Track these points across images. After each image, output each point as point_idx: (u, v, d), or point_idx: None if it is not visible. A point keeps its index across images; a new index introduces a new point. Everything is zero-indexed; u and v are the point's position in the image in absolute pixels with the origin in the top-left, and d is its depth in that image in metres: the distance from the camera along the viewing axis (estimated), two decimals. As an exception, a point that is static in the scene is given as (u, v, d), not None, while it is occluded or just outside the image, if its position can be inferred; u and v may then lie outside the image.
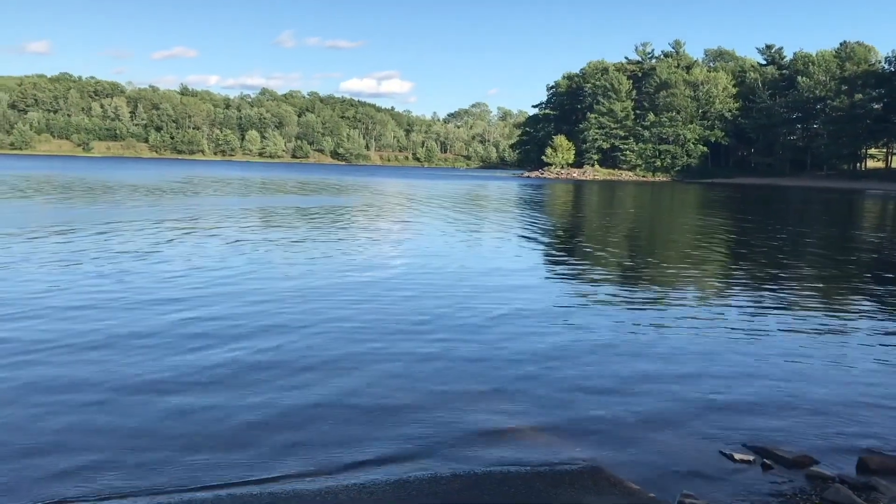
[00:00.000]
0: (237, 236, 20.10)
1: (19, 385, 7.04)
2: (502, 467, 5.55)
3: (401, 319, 10.26)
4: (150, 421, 6.28)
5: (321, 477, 5.31)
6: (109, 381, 7.20)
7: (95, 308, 10.31)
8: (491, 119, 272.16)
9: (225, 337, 9.00)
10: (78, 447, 5.68)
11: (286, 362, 8.03)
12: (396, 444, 5.94)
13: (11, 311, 10.02)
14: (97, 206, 30.78)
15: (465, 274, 14.66)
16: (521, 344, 9.15)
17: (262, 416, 6.44)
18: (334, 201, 39.37)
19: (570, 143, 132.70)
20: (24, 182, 48.27)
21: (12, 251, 15.84)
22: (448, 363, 8.21)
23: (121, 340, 8.68)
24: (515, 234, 23.60)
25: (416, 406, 6.81)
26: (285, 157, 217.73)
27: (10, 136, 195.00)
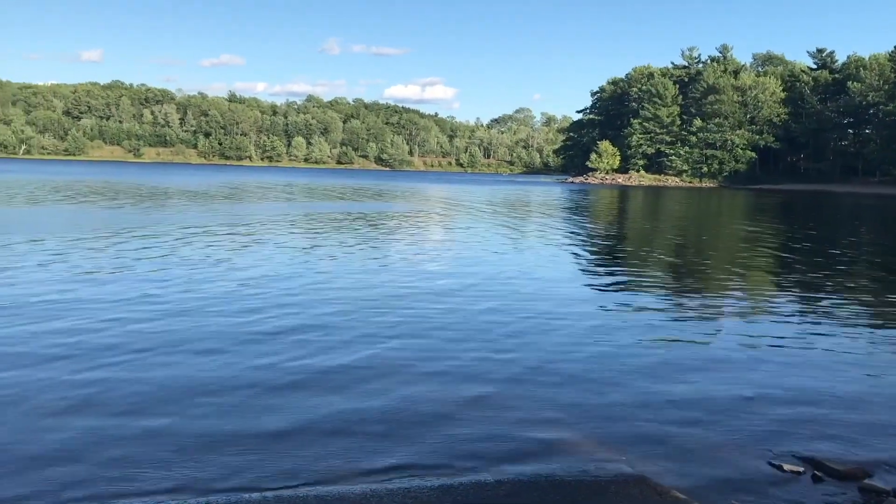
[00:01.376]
0: (302, 243, 20.25)
1: (158, 382, 7.25)
2: (547, 475, 5.50)
3: (448, 326, 10.26)
4: (246, 421, 6.42)
5: (368, 480, 5.34)
6: (216, 383, 7.39)
7: (187, 315, 10.47)
8: (534, 124, 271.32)
9: (316, 345, 9.06)
10: (187, 447, 5.81)
11: (356, 368, 8.09)
12: (443, 450, 5.94)
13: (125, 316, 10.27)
14: (164, 211, 31.38)
15: (510, 281, 14.60)
16: (565, 352, 9.08)
17: (317, 418, 6.51)
18: (384, 207, 39.62)
19: (615, 149, 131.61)
20: (86, 187, 49.50)
21: (101, 257, 16.27)
22: (493, 370, 8.18)
23: (203, 346, 8.81)
24: (560, 241, 23.46)
25: (461, 412, 6.80)
26: (330, 163, 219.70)
27: (64, 142, 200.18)
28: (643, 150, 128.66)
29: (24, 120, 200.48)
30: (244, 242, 20.06)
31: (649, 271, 17.08)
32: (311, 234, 22.85)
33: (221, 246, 18.96)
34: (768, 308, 12.46)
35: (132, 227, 23.07)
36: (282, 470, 5.47)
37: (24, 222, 24.07)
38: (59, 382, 7.22)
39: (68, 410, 6.50)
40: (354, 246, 19.89)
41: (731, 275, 16.83)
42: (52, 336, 8.97)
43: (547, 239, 24.07)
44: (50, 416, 6.37)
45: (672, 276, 16.76)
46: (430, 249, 20.00)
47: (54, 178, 66.18)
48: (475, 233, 25.29)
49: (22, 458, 5.50)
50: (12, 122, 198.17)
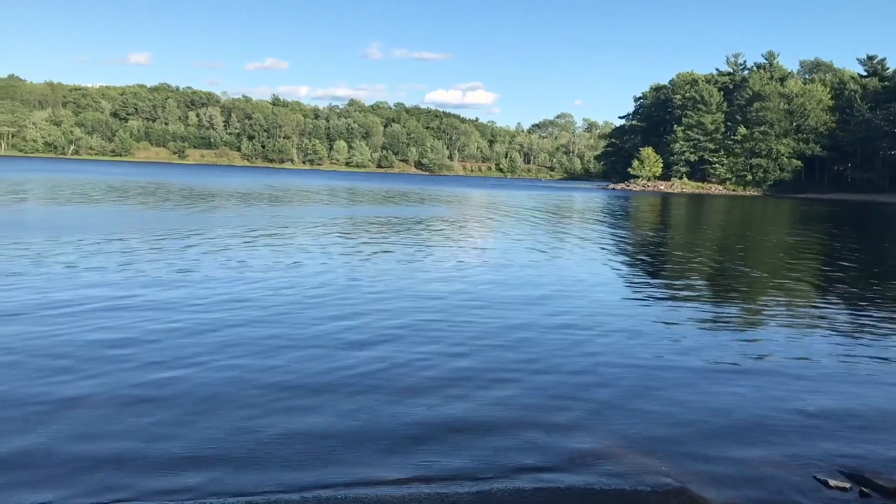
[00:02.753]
0: (363, 248, 20.46)
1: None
2: (585, 484, 5.48)
3: (487, 333, 10.27)
4: (291, 419, 6.59)
5: (406, 483, 5.38)
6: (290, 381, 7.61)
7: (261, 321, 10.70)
8: (576, 130, 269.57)
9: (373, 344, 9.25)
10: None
11: (389, 373, 8.19)
12: (481, 457, 5.95)
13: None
14: (222, 213, 31.87)
15: (550, 288, 14.60)
16: (605, 361, 9.07)
17: (375, 420, 6.62)
18: (432, 211, 39.74)
19: (658, 156, 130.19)
20: (140, 188, 50.45)
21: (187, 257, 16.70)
22: (533, 379, 8.19)
23: (285, 345, 9.08)
24: (601, 248, 23.32)
25: (502, 419, 6.82)
26: (371, 167, 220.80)
27: (111, 142, 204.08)
28: (686, 158, 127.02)
29: (74, 121, 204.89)
30: (306, 246, 20.27)
31: (691, 281, 16.91)
32: (370, 239, 23.02)
33: (284, 248, 19.29)
34: (812, 321, 12.27)
35: (198, 228, 23.60)
36: (321, 471, 5.55)
37: (91, 222, 24.61)
38: (186, 379, 7.59)
39: (206, 407, 6.82)
40: (414, 251, 20.00)
41: (774, 286, 16.59)
42: (163, 335, 9.37)
43: (590, 246, 23.90)
44: (198, 412, 6.67)
45: (714, 286, 16.56)
46: (486, 256, 20.02)
47: (106, 178, 67.58)
48: (523, 239, 25.24)
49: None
50: (62, 122, 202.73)
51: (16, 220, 23.89)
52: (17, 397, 6.84)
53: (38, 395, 6.93)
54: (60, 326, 9.54)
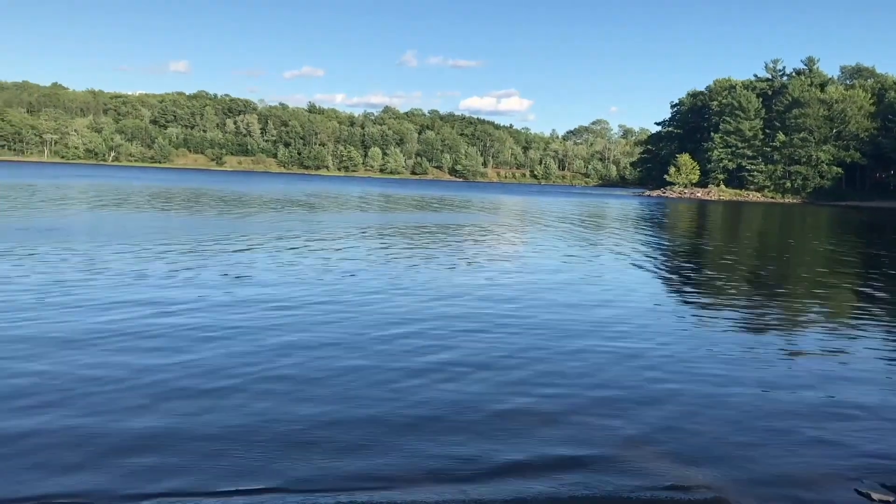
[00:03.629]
0: (412, 254, 20.64)
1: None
2: (622, 493, 5.44)
3: (534, 343, 10.23)
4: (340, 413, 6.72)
5: (435, 487, 5.40)
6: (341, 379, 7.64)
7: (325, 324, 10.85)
8: (611, 136, 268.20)
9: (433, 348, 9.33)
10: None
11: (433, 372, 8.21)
12: (516, 460, 5.94)
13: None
14: (270, 218, 32.31)
15: (593, 296, 14.53)
16: (643, 366, 9.01)
17: (414, 420, 6.62)
18: (468, 218, 39.83)
19: (695, 163, 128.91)
20: (190, 194, 51.30)
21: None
22: (572, 383, 8.18)
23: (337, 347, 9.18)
24: (638, 256, 23.12)
25: (536, 424, 6.81)
26: (405, 174, 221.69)
27: (150, 149, 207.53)
28: (724, 165, 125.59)
29: (114, 128, 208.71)
30: (350, 251, 20.48)
31: (728, 288, 16.70)
32: (414, 245, 23.15)
33: (330, 254, 19.54)
34: (851, 331, 12.03)
35: (246, 234, 23.97)
36: (357, 473, 5.60)
37: (143, 227, 25.11)
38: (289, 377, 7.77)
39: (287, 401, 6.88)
40: (455, 258, 20.04)
41: (813, 296, 16.31)
42: (243, 335, 9.64)
43: (629, 253, 23.71)
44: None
45: (751, 294, 16.31)
46: (526, 263, 19.98)
47: (148, 184, 68.89)
48: (561, 247, 25.17)
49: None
50: (103, 129, 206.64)
51: (69, 226, 24.43)
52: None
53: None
54: (146, 320, 9.88)
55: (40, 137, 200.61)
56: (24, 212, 30.02)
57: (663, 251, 25.62)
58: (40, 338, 9.06)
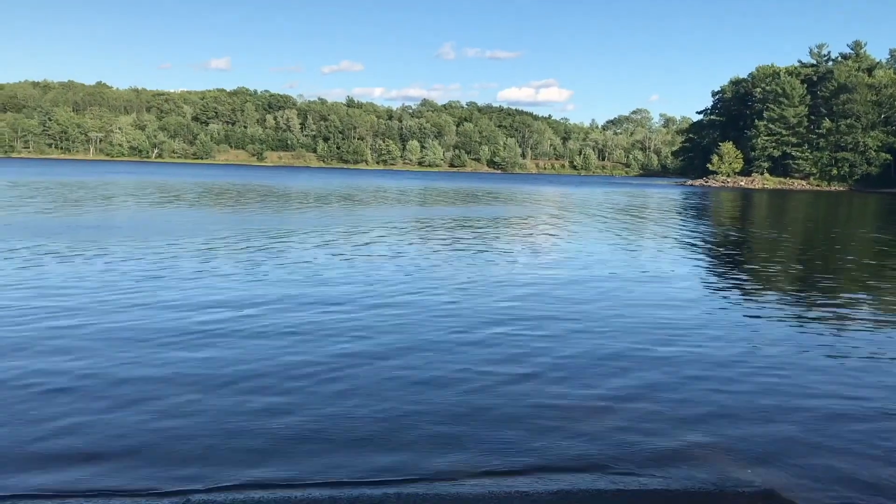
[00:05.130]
0: (466, 247, 20.68)
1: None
2: (667, 485, 5.39)
3: (571, 332, 10.19)
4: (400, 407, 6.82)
5: (484, 479, 5.40)
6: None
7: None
8: (652, 126, 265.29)
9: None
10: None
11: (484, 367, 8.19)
12: (562, 455, 5.92)
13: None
14: (312, 213, 32.65)
15: (629, 285, 14.38)
16: (689, 359, 8.89)
17: (463, 415, 6.63)
18: (510, 210, 39.76)
19: (738, 151, 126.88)
20: (236, 190, 52.06)
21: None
22: (621, 374, 8.14)
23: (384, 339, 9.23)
24: (680, 246, 22.83)
25: (583, 418, 6.76)
26: (443, 166, 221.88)
27: (192, 146, 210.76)
28: (768, 153, 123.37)
29: (157, 125, 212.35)
30: (405, 245, 20.60)
31: (775, 278, 16.39)
32: (467, 237, 23.18)
33: (381, 247, 19.65)
34: (906, 321, 11.72)
35: (301, 229, 24.27)
36: (406, 464, 5.64)
37: (200, 223, 25.53)
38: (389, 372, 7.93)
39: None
40: (503, 250, 19.99)
41: (862, 286, 15.92)
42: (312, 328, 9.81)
43: (670, 244, 23.46)
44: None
45: (798, 284, 15.99)
46: (571, 255, 19.84)
47: (195, 180, 70.18)
48: (607, 238, 24.98)
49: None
50: (146, 127, 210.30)
51: (131, 224, 25.03)
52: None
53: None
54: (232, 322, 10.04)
55: (86, 135, 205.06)
56: (83, 209, 30.72)
57: (712, 242, 25.16)
58: (150, 339, 9.18)
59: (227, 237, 20.97)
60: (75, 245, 17.86)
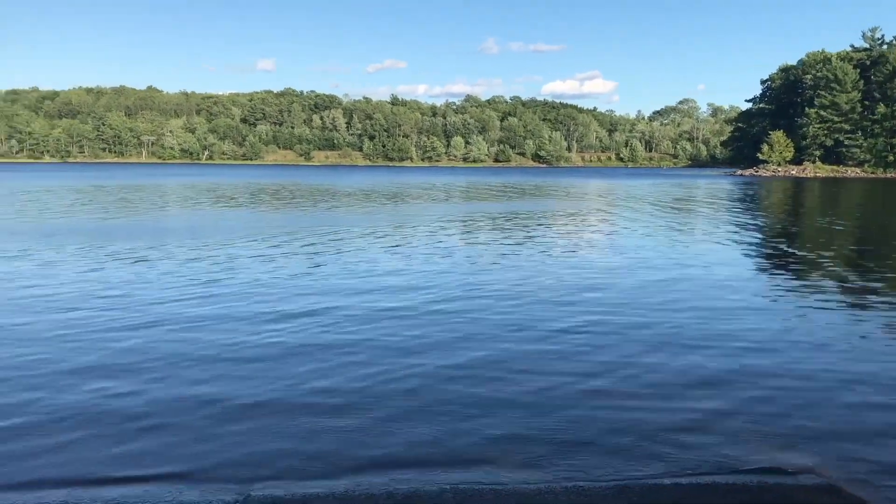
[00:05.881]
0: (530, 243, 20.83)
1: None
2: (727, 476, 5.38)
3: (627, 324, 10.22)
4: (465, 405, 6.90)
5: (545, 478, 5.43)
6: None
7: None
8: (699, 115, 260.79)
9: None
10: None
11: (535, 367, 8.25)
12: (615, 446, 5.98)
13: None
14: (363, 211, 33.14)
15: (689, 280, 14.26)
16: (748, 350, 8.90)
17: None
18: (558, 205, 39.49)
19: (788, 140, 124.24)
20: (296, 190, 52.80)
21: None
22: (682, 366, 8.19)
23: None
24: (740, 241, 22.39)
25: (637, 408, 6.83)
26: (487, 162, 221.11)
27: (242, 147, 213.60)
28: (820, 141, 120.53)
29: (207, 128, 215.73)
30: (459, 239, 20.78)
31: (830, 272, 16.15)
32: (520, 233, 23.16)
33: (439, 243, 19.83)
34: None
35: (362, 226, 24.80)
36: (466, 468, 5.70)
37: (268, 224, 26.05)
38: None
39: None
40: (557, 246, 19.95)
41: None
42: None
43: (727, 238, 23.07)
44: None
45: (854, 277, 15.78)
46: (625, 249, 19.64)
47: (247, 181, 71.04)
48: (641, 231, 24.85)
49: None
50: (196, 129, 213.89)
51: (198, 225, 25.72)
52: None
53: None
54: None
55: (138, 139, 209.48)
56: (147, 212, 31.69)
57: (768, 234, 24.78)
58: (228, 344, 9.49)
59: (289, 236, 21.37)
60: (151, 246, 18.59)
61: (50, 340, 9.05)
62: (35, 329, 9.71)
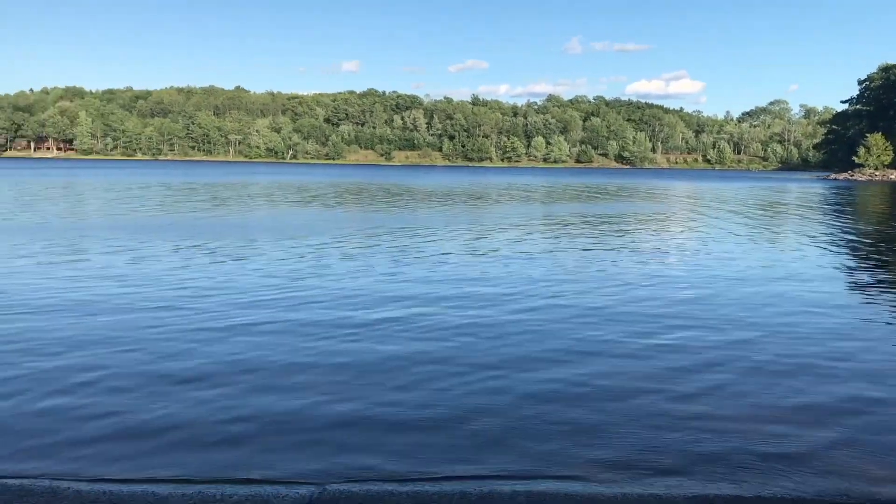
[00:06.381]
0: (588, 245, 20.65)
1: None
2: (814, 494, 5.09)
3: (706, 337, 9.85)
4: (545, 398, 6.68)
5: (626, 483, 5.26)
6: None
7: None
8: (791, 117, 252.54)
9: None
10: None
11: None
12: (680, 456, 5.75)
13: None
14: (451, 211, 33.22)
15: (783, 297, 13.52)
16: (837, 364, 8.39)
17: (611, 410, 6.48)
18: (649, 208, 39.04)
19: (888, 143, 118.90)
20: (384, 190, 53.56)
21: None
22: (761, 378, 7.79)
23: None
24: (831, 249, 21.39)
25: (708, 417, 6.60)
26: (569, 162, 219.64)
27: (325, 147, 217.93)
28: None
29: (291, 128, 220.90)
30: (537, 241, 20.70)
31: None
32: (607, 235, 22.97)
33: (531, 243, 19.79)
34: None
35: (445, 226, 24.98)
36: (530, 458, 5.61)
37: (357, 223, 26.51)
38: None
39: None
40: (646, 250, 19.65)
41: None
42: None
43: (818, 246, 22.11)
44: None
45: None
46: (714, 256, 19.23)
47: (331, 180, 72.76)
48: (730, 237, 23.93)
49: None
50: (281, 129, 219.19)
51: (297, 223, 26.27)
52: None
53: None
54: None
55: (226, 138, 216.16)
56: (243, 209, 32.61)
57: (870, 245, 23.48)
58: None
59: (377, 237, 21.49)
60: (246, 244, 19.05)
61: (142, 341, 9.04)
62: (129, 327, 9.74)
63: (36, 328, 9.48)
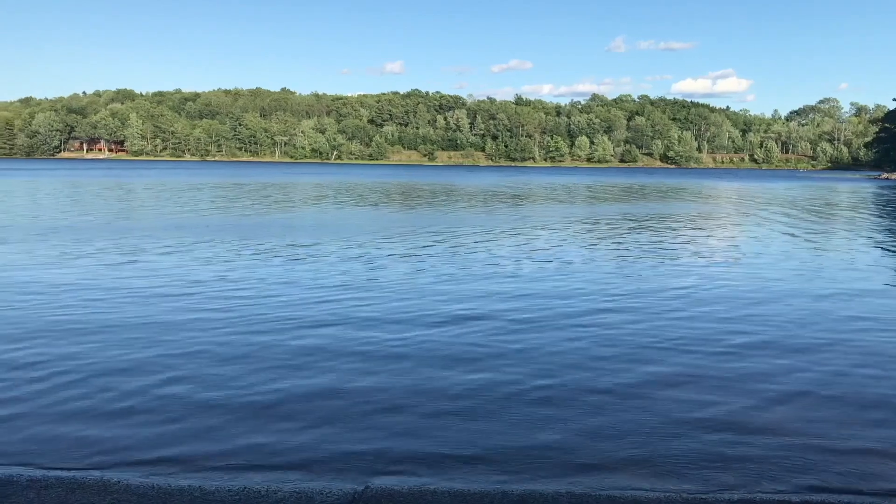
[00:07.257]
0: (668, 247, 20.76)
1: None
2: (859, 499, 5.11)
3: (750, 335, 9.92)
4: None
5: (670, 486, 5.33)
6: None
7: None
8: (841, 116, 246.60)
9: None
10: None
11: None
12: (709, 458, 5.81)
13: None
14: (498, 210, 33.59)
15: (818, 294, 13.59)
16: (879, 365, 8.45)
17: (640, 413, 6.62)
18: (698, 208, 38.70)
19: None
20: (428, 191, 54.09)
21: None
22: (805, 381, 7.84)
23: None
24: (889, 250, 21.18)
25: (745, 420, 6.65)
26: (613, 162, 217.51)
27: (368, 147, 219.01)
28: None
29: (336, 128, 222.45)
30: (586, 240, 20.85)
31: None
32: (659, 238, 23.04)
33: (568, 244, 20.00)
34: None
35: (497, 226, 25.19)
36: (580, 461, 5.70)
37: (410, 223, 26.99)
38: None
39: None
40: (691, 252, 19.66)
41: None
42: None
43: (876, 248, 21.88)
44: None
45: None
46: (763, 258, 19.15)
47: (375, 181, 73.15)
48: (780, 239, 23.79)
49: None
50: (326, 130, 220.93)
51: (328, 224, 26.90)
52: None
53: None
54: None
55: (272, 139, 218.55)
56: (291, 209, 33.16)
57: None
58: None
59: (428, 236, 21.89)
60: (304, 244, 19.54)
61: (201, 333, 9.52)
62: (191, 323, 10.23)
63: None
